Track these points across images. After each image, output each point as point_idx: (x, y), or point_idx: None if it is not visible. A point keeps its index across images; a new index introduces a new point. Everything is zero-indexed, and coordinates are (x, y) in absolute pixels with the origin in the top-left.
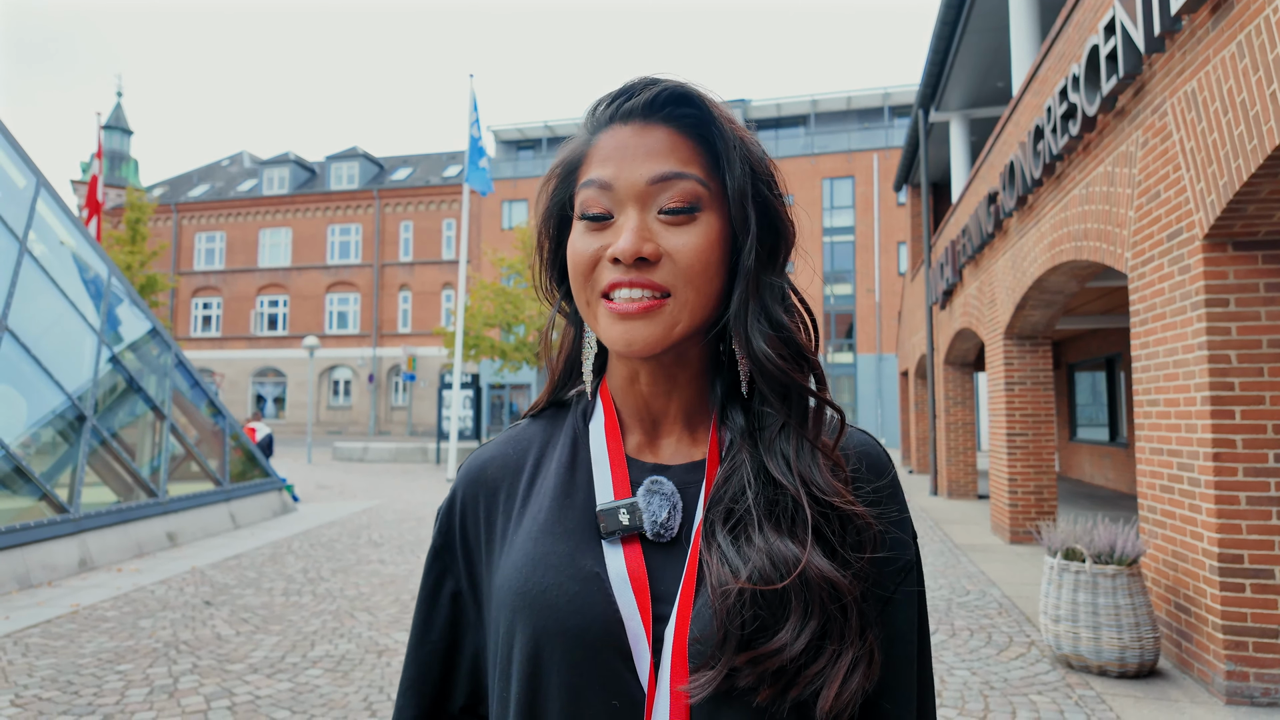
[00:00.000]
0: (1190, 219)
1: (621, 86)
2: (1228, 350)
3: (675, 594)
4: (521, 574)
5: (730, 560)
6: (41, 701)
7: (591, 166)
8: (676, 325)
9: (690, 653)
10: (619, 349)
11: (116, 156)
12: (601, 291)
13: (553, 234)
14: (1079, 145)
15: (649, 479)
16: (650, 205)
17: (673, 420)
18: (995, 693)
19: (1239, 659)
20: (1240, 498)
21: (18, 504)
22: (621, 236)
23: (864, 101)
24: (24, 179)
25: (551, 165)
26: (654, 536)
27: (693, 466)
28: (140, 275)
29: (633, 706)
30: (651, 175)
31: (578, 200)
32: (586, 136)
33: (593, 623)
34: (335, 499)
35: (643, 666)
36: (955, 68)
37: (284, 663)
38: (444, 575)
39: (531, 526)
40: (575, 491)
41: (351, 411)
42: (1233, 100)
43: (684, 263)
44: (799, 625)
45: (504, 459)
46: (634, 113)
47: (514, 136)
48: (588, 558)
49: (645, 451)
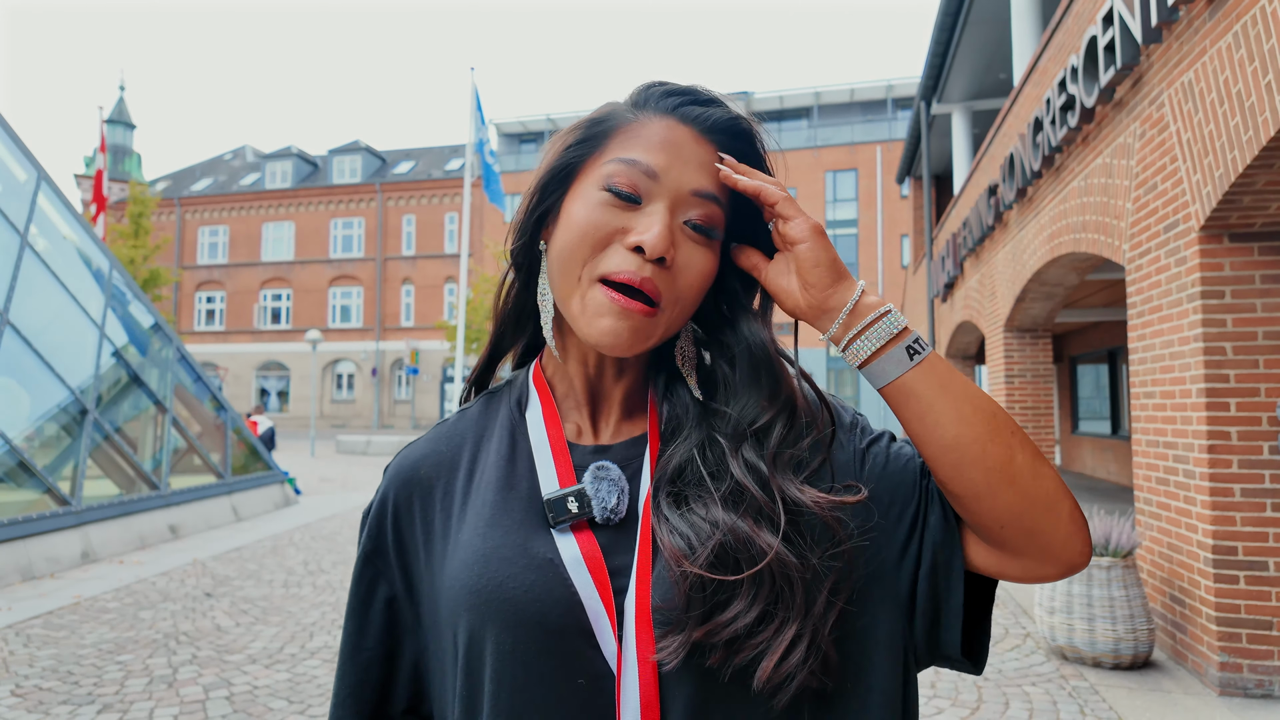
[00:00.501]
0: (1186, 210)
1: (687, 85)
2: (1223, 342)
3: (629, 567)
4: (473, 571)
5: (680, 530)
6: (42, 691)
7: (634, 145)
8: (655, 334)
9: (655, 619)
10: (601, 342)
11: (119, 151)
12: (602, 274)
13: (551, 189)
14: (1078, 137)
15: (595, 465)
16: (680, 213)
17: (613, 402)
18: (989, 684)
19: (1232, 650)
20: (1235, 490)
21: (21, 497)
22: (653, 230)
23: (867, 94)
24: (25, 173)
25: (579, 121)
26: (603, 521)
27: (632, 443)
28: (144, 269)
29: (597, 681)
30: (698, 187)
31: (605, 170)
32: (629, 111)
33: (552, 609)
34: (338, 492)
35: (606, 641)
36: (957, 60)
37: (283, 654)
38: (376, 580)
39: (477, 522)
40: (518, 482)
41: (355, 405)
42: (1229, 91)
43: (684, 282)
44: (749, 599)
45: (437, 456)
46: (696, 119)
47: (516, 129)
48: (539, 546)
49: (585, 435)
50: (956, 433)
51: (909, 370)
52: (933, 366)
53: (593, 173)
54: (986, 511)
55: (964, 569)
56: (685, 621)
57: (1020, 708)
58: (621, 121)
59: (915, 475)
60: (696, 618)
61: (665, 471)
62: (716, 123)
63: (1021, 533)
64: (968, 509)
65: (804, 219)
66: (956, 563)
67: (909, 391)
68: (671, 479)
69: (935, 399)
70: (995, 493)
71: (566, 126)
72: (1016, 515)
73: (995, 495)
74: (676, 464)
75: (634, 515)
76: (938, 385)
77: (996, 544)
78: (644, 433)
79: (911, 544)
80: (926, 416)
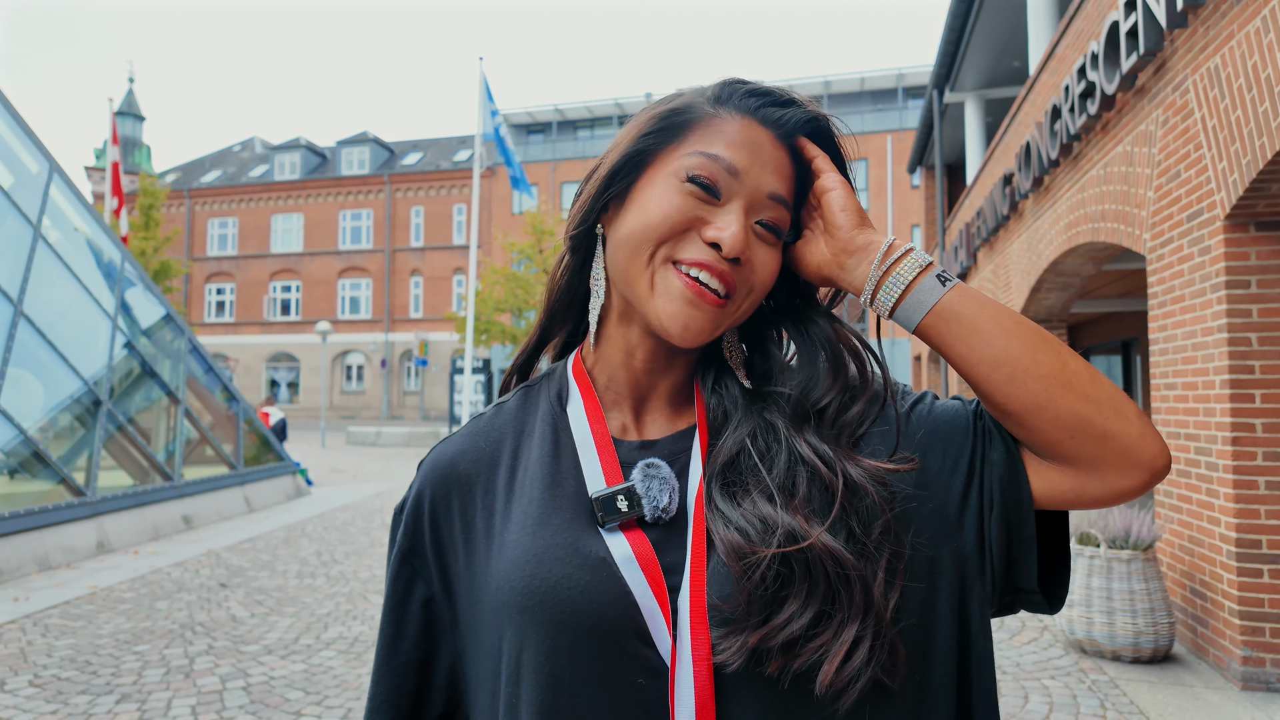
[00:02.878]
0: (1211, 199)
1: (768, 86)
2: (1248, 333)
3: (682, 564)
4: (524, 571)
5: (735, 523)
6: (60, 681)
7: (716, 140)
8: (720, 326)
9: (712, 618)
10: (673, 327)
11: (129, 143)
12: (676, 258)
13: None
14: (1097, 125)
15: (644, 462)
16: (754, 213)
17: (659, 397)
18: (1008, 677)
19: (1255, 644)
20: (1259, 482)
21: (36, 487)
22: (731, 228)
23: (878, 82)
24: (37, 165)
25: (655, 109)
26: (653, 520)
27: (679, 436)
28: (154, 261)
29: (655, 680)
30: (773, 191)
31: (687, 162)
32: (708, 104)
33: (608, 609)
34: (349, 483)
35: (661, 640)
36: (970, 47)
37: (298, 644)
38: (414, 579)
39: (524, 520)
40: (563, 480)
41: (364, 396)
42: (1257, 76)
43: (759, 279)
44: (804, 599)
45: (475, 452)
46: (776, 122)
47: (524, 120)
48: (591, 545)
49: (630, 431)
50: (1004, 345)
51: (945, 294)
52: (965, 290)
53: (671, 162)
54: (1051, 422)
55: (1033, 499)
56: (746, 620)
57: (1040, 701)
58: (701, 115)
59: (968, 419)
60: (757, 618)
61: (717, 464)
62: (795, 125)
63: (1093, 439)
64: (1031, 425)
65: (835, 172)
66: (1025, 495)
67: (950, 315)
68: (723, 470)
69: (976, 316)
70: (1056, 400)
71: (640, 114)
72: (1085, 420)
73: (1057, 402)
74: (728, 454)
75: (683, 511)
76: (975, 304)
77: (1070, 460)
78: (691, 425)
79: (972, 489)
80: (971, 337)
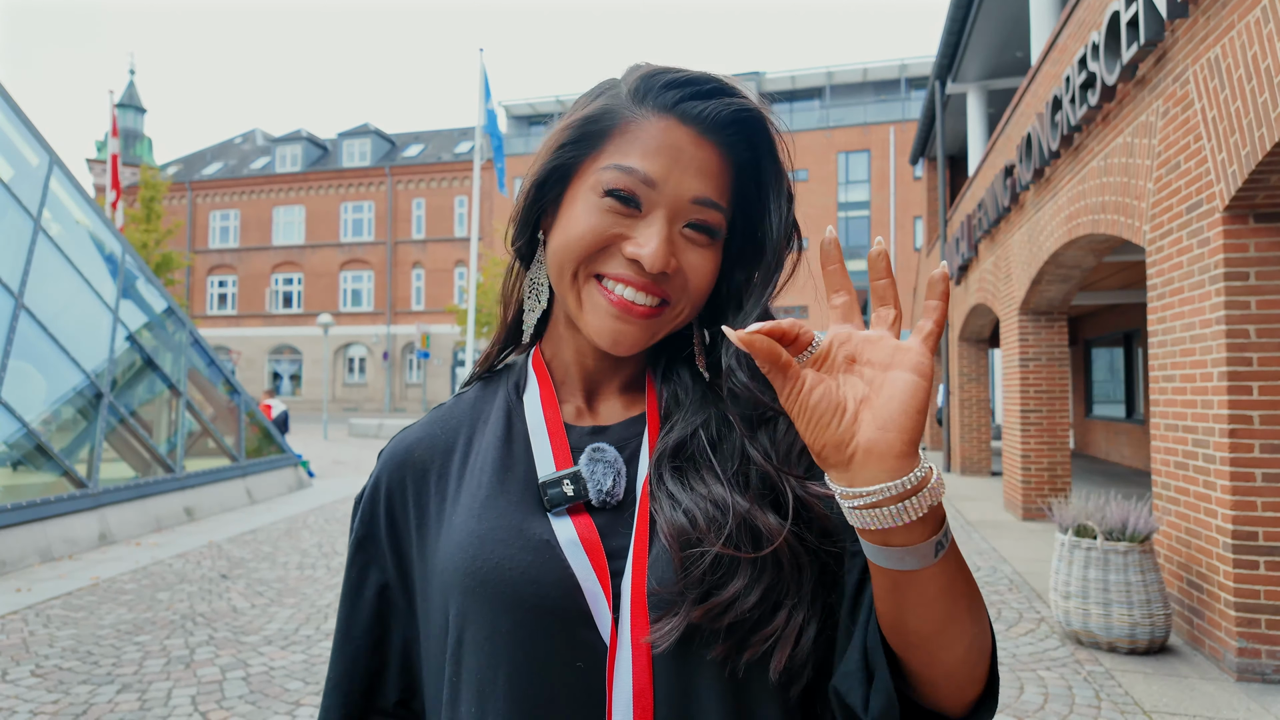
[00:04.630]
0: (1211, 190)
1: (689, 75)
2: (1246, 325)
3: (627, 548)
4: (467, 552)
5: (683, 504)
6: (62, 671)
7: (632, 150)
8: (660, 331)
9: (650, 603)
10: (602, 342)
11: (130, 135)
12: (600, 273)
13: (548, 189)
14: (1098, 116)
15: (590, 447)
16: (680, 220)
17: (613, 386)
18: (1003, 668)
19: (1251, 636)
20: (1256, 474)
21: (39, 479)
22: (650, 245)
23: (880, 73)
24: (37, 157)
25: (570, 118)
26: (599, 504)
27: (631, 422)
28: (156, 253)
29: (596, 663)
30: (697, 195)
31: (604, 176)
32: (629, 106)
33: (549, 590)
34: (350, 474)
35: (603, 623)
36: (973, 38)
37: (298, 635)
38: (368, 566)
39: (471, 503)
40: (514, 464)
41: (367, 388)
42: (1257, 67)
43: (693, 283)
44: (751, 577)
45: (431, 440)
46: (697, 118)
47: (525, 111)
48: (535, 527)
49: (583, 416)
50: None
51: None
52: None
53: (590, 175)
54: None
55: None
56: (680, 603)
57: (1035, 692)
58: (618, 120)
59: None
60: (693, 598)
61: (666, 446)
62: (718, 120)
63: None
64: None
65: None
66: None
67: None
68: (673, 454)
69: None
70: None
71: (559, 121)
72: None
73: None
74: (678, 438)
75: (632, 496)
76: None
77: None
78: (642, 412)
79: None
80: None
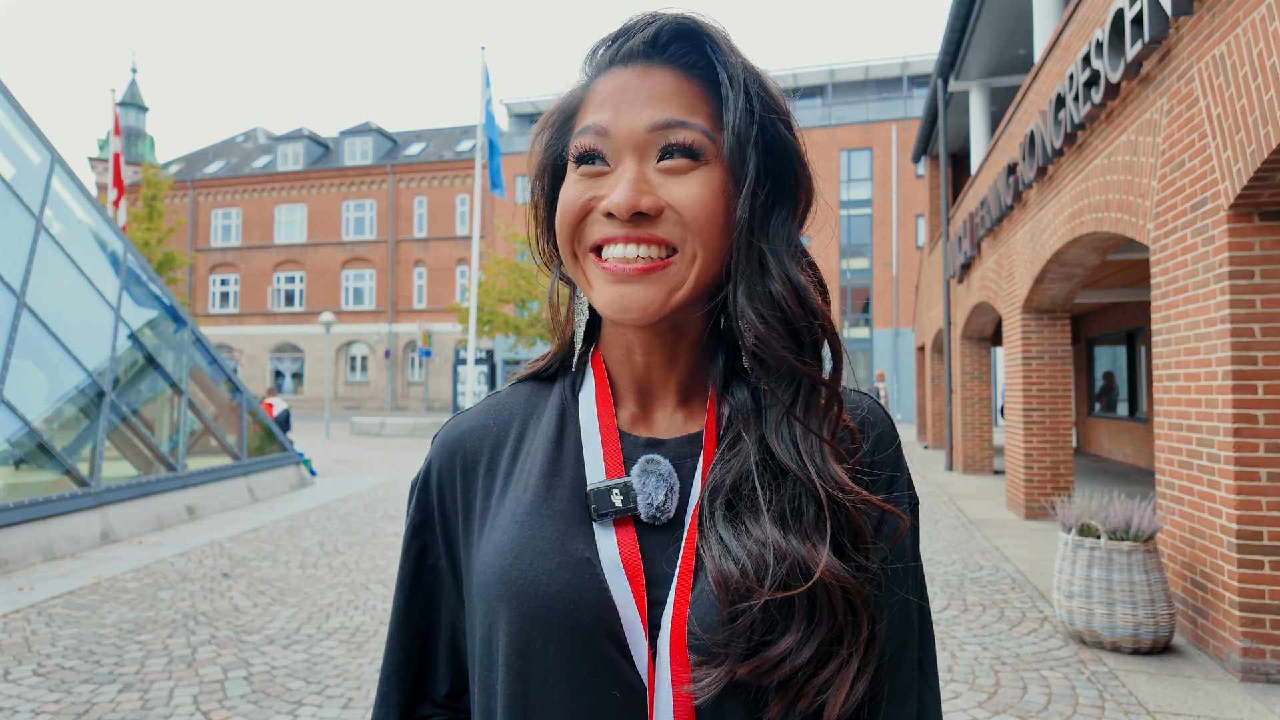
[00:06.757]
0: (1216, 188)
1: (622, 25)
2: (1251, 324)
3: (671, 577)
4: (506, 559)
5: (732, 551)
6: (64, 670)
7: (588, 112)
8: (680, 287)
9: (690, 643)
10: (612, 315)
11: (132, 133)
12: (591, 246)
13: (547, 190)
14: (1101, 113)
15: (644, 458)
16: (650, 155)
17: (668, 392)
18: (1006, 668)
19: (1255, 636)
20: (1261, 474)
21: (41, 478)
22: (617, 191)
23: (882, 71)
24: (39, 156)
25: (545, 113)
26: (649, 519)
27: (689, 439)
28: (158, 252)
29: (632, 696)
30: (652, 122)
31: (572, 148)
32: (585, 81)
33: (585, 611)
34: (352, 473)
35: (640, 655)
36: (975, 35)
37: (300, 634)
38: (424, 552)
39: (515, 507)
40: (563, 469)
41: (369, 387)
42: (1262, 64)
43: (690, 214)
44: (804, 631)
45: (483, 429)
46: (635, 54)
47: (527, 110)
48: (578, 542)
49: (638, 424)
50: None
51: None
52: None
53: (570, 155)
54: None
55: None
56: (725, 655)
57: (1038, 692)
58: (580, 95)
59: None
60: (739, 653)
61: (721, 483)
62: (654, 42)
63: None
64: None
65: None
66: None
67: None
68: (725, 490)
69: None
70: None
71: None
72: None
73: None
74: (733, 477)
75: (681, 517)
76: None
77: None
78: (700, 430)
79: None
80: None
